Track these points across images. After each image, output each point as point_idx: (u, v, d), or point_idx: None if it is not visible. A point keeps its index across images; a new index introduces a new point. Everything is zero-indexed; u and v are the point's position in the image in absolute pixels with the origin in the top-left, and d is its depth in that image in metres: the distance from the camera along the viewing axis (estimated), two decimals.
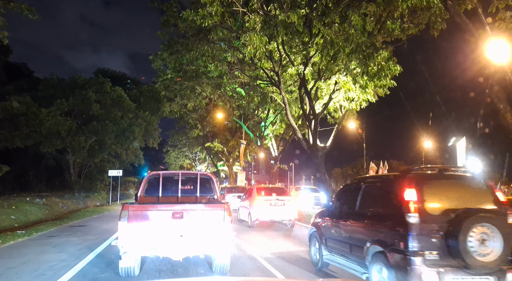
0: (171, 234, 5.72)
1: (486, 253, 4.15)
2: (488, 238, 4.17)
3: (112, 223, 14.30)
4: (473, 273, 4.16)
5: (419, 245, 4.25)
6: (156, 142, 33.11)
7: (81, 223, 14.51)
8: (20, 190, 30.64)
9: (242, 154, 33.18)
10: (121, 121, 26.27)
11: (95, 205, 28.99)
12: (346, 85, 14.36)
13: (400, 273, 4.34)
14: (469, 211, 4.30)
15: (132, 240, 5.59)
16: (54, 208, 23.48)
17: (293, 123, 16.71)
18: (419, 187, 4.54)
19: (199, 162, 61.57)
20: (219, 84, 20.45)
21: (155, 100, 35.85)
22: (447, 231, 4.26)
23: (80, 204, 27.96)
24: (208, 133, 42.32)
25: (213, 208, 6.12)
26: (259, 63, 15.59)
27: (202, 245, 5.89)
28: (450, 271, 4.19)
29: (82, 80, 26.72)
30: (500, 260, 4.14)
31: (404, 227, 4.36)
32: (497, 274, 4.20)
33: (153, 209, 5.93)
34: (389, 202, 4.93)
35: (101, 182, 29.99)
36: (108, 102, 26.06)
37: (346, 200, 6.34)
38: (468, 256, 4.09)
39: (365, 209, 5.53)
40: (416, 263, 4.19)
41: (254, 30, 12.63)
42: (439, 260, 4.23)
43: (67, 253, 8.02)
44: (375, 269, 4.84)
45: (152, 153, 66.47)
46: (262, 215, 12.60)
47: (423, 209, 4.39)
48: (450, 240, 4.20)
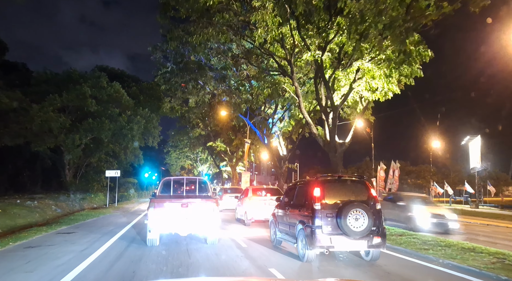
0: (180, 218, 8.85)
1: (359, 226, 6.73)
2: (360, 217, 6.75)
3: (104, 229, 12.66)
4: (351, 238, 6.77)
5: (320, 222, 6.88)
6: (156, 141, 31.36)
7: (70, 229, 12.84)
8: (14, 191, 29.03)
9: (246, 153, 31.56)
10: (119, 118, 24.60)
11: (92, 207, 27.40)
12: (370, 72, 12.69)
13: (310, 239, 6.87)
14: (349, 201, 6.95)
15: (155, 221, 8.73)
16: (46, 211, 21.84)
17: (307, 117, 15.03)
18: (322, 187, 7.16)
19: (201, 162, 60.03)
20: (223, 77, 18.82)
21: (155, 98, 34.35)
22: (336, 213, 6.86)
23: (76, 206, 26.35)
24: (211, 132, 40.81)
25: (206, 201, 9.25)
26: (271, 48, 13.90)
27: (200, 225, 9.02)
28: (338, 237, 6.82)
29: (77, 74, 25.01)
30: (367, 230, 6.76)
31: (312, 212, 6.99)
32: (367, 238, 6.85)
33: (169, 201, 9.09)
34: (307, 197, 7.49)
35: (98, 183, 28.35)
36: (104, 98, 24.41)
37: (288, 196, 8.92)
38: (348, 228, 6.70)
39: (297, 201, 8.12)
40: (317, 233, 6.82)
41: (265, 8, 10.97)
42: (331, 231, 6.85)
43: (39, 273, 6.35)
44: (299, 239, 7.41)
45: (153, 153, 65.06)
46: (257, 214, 13.42)
47: (324, 200, 7.02)
48: (338, 219, 6.81)
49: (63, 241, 10.05)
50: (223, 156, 43.57)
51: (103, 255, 8.05)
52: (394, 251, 8.84)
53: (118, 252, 8.43)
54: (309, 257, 7.10)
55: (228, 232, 11.90)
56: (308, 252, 7.02)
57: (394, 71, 13.02)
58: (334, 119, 13.74)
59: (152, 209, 8.85)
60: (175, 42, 14.91)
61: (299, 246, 7.39)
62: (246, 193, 14.70)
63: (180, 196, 9.99)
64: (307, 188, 7.59)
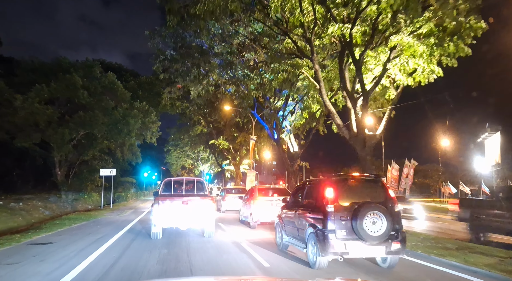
0: (180, 214, 10.08)
1: (376, 230, 6.17)
2: (377, 220, 6.18)
3: (91, 237, 10.50)
4: (368, 244, 6.21)
5: (333, 226, 6.31)
6: (155, 137, 29.06)
7: (49, 238, 10.64)
8: (4, 191, 26.88)
9: (252, 150, 29.43)
10: (114, 111, 22.36)
11: (86, 208, 25.30)
12: (409, 49, 10.51)
13: (322, 245, 6.31)
14: (365, 203, 6.35)
15: (159, 216, 10.02)
16: (32, 214, 19.77)
17: (330, 105, 12.82)
18: (335, 187, 6.62)
19: (202, 162, 58.17)
20: (229, 62, 16.66)
21: (154, 93, 32.33)
22: (351, 216, 6.28)
23: (68, 208, 24.26)
24: (213, 129, 38.92)
25: (204, 198, 10.45)
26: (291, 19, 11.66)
27: (198, 220, 10.25)
28: (353, 242, 6.25)
29: (67, 63, 22.70)
30: (385, 234, 6.19)
31: (325, 214, 6.41)
32: (385, 244, 6.27)
33: (171, 199, 10.32)
34: (318, 197, 6.93)
35: (92, 182, 26.18)
36: (98, 90, 22.18)
37: (296, 196, 8.32)
38: (364, 232, 6.13)
39: (306, 202, 7.56)
40: (331, 238, 6.26)
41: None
42: (346, 235, 6.27)
43: None
44: (310, 244, 6.83)
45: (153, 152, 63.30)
46: (264, 216, 12.60)
47: (337, 202, 6.45)
48: (353, 222, 6.23)
49: (31, 256, 7.88)
50: (226, 154, 41.75)
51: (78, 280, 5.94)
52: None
53: (100, 273, 6.32)
54: (320, 264, 6.53)
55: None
56: (320, 259, 6.43)
57: (436, 49, 10.85)
58: (364, 107, 11.53)
59: (156, 206, 9.98)
60: (175, 18, 12.72)
61: (309, 251, 6.82)
62: (252, 193, 13.92)
63: (181, 194, 10.97)
64: (318, 188, 7.01)
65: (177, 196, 10.61)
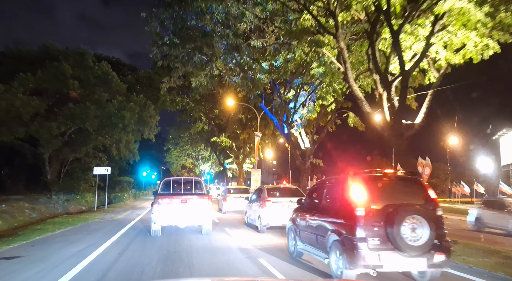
0: (179, 212, 10.36)
1: (416, 239, 5.12)
2: (418, 227, 5.13)
3: (72, 248, 8.55)
4: (406, 255, 5.13)
5: (363, 233, 5.22)
6: (153, 133, 27.02)
7: (19, 250, 8.67)
8: None
9: (257, 148, 27.50)
10: (108, 104, 20.39)
11: (80, 210, 23.41)
12: (463, 17, 8.54)
13: (350, 256, 5.26)
14: (403, 206, 5.29)
15: (159, 215, 10.30)
16: (16, 217, 17.86)
17: (357, 90, 10.83)
18: (365, 186, 5.51)
19: (203, 161, 56.51)
20: (236, 45, 14.72)
21: (153, 88, 30.43)
22: (385, 221, 5.21)
23: (59, 210, 22.36)
24: (215, 126, 37.16)
25: (202, 197, 10.77)
26: None
27: (196, 218, 10.53)
28: (388, 253, 5.16)
29: (56, 50, 20.71)
30: (427, 244, 5.13)
31: (353, 219, 5.33)
32: (427, 255, 5.20)
33: (171, 198, 10.63)
34: (343, 198, 5.87)
35: (86, 182, 24.24)
36: (90, 81, 20.22)
37: (314, 198, 7.27)
38: (402, 241, 5.07)
39: (327, 204, 6.50)
40: (361, 247, 5.16)
41: None
42: (379, 245, 5.19)
43: None
44: (333, 254, 5.79)
45: (152, 152, 61.66)
46: (274, 219, 11.52)
47: (368, 204, 5.34)
48: (388, 229, 5.17)
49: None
50: (228, 152, 40.02)
51: None
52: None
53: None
54: (347, 278, 5.57)
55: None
56: (347, 272, 5.38)
57: (491, 20, 8.91)
58: (403, 90, 9.56)
59: (156, 205, 10.31)
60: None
61: (333, 262, 5.82)
62: (260, 194, 12.98)
63: (179, 193, 11.36)
64: (343, 187, 5.96)
65: (176, 195, 10.99)
